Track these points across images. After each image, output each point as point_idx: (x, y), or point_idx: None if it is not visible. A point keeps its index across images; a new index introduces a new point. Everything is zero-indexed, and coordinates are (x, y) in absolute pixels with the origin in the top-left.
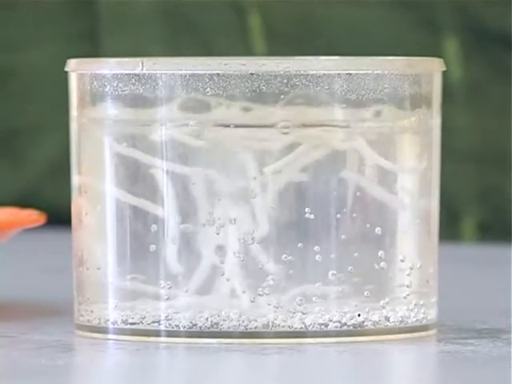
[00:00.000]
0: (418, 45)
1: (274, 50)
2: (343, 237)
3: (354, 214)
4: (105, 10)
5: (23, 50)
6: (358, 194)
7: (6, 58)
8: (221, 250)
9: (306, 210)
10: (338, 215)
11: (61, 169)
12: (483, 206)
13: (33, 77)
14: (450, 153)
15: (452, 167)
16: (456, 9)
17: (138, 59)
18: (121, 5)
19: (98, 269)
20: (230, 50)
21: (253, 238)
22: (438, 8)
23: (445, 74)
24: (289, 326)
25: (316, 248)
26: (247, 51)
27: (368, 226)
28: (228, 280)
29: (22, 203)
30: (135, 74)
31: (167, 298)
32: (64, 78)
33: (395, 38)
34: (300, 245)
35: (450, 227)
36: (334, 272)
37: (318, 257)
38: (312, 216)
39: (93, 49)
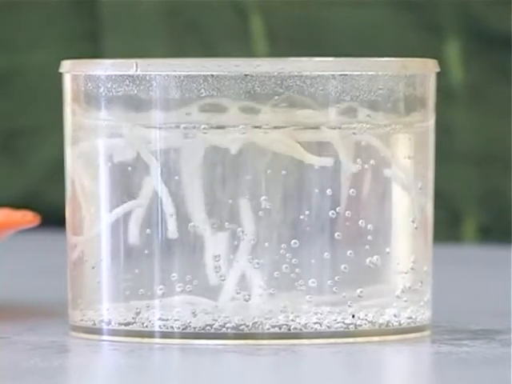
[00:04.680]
0: (419, 47)
1: (275, 52)
2: (337, 235)
3: (348, 213)
4: (106, 11)
5: (24, 51)
6: (352, 193)
7: (7, 58)
8: (215, 251)
9: (301, 208)
10: (333, 214)
11: (61, 170)
12: (484, 208)
13: (34, 77)
14: (452, 155)
15: (453, 169)
16: (457, 11)
17: (132, 60)
18: (122, 6)
19: (93, 268)
20: (232, 51)
21: (247, 238)
22: (440, 10)
23: (446, 76)
24: (283, 327)
25: (310, 247)
26: (249, 53)
27: (362, 225)
28: (222, 280)
29: (23, 204)
30: (129, 75)
31: (161, 299)
32: None
33: (397, 40)
34: (294, 243)
35: (451, 229)
36: (328, 271)
37: (311, 255)
38: (307, 213)
39: (94, 50)
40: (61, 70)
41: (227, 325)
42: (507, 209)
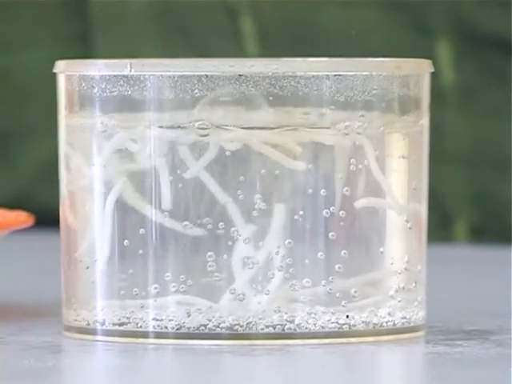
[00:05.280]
0: (410, 48)
1: (266, 53)
2: (331, 235)
3: (343, 213)
4: (97, 11)
5: (16, 52)
6: (346, 192)
7: None
8: (209, 250)
9: (296, 208)
10: (327, 214)
11: (54, 171)
12: (476, 209)
13: (25, 79)
14: (443, 155)
15: (444, 170)
16: (449, 11)
17: (127, 60)
18: (113, 6)
19: (87, 268)
20: (223, 52)
21: (241, 238)
22: (431, 11)
23: (437, 77)
24: (277, 327)
25: (304, 246)
26: (240, 54)
27: (356, 226)
28: (217, 280)
29: (16, 205)
30: (123, 76)
31: (155, 299)
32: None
33: (388, 40)
34: (288, 243)
35: (442, 230)
36: (322, 271)
37: (306, 255)
38: (301, 213)
39: (85, 50)
40: (55, 71)
41: (221, 325)
42: (498, 209)
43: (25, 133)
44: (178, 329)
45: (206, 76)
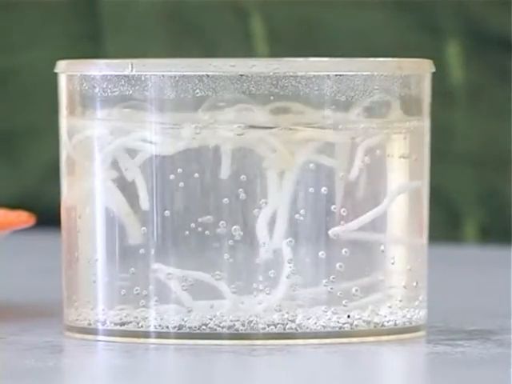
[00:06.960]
0: (419, 48)
1: (276, 53)
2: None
3: (344, 211)
4: (107, 11)
5: (24, 51)
6: (347, 191)
7: (6, 58)
8: (209, 250)
9: (297, 207)
10: (328, 212)
11: (58, 171)
12: (485, 209)
13: (33, 78)
14: (452, 155)
15: (453, 170)
16: (457, 11)
17: (128, 60)
18: (123, 6)
19: (88, 264)
20: (232, 52)
21: (242, 237)
22: (440, 11)
23: (446, 77)
24: (278, 326)
25: (305, 245)
26: (249, 54)
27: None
28: (217, 280)
29: (18, 204)
30: (125, 76)
31: (156, 299)
32: None
33: (397, 40)
34: (289, 241)
35: (451, 230)
36: (323, 270)
37: (307, 254)
38: (302, 212)
39: (94, 50)
40: (56, 70)
41: (222, 324)
42: (507, 209)
43: (29, 132)
44: (178, 328)
45: (208, 76)
